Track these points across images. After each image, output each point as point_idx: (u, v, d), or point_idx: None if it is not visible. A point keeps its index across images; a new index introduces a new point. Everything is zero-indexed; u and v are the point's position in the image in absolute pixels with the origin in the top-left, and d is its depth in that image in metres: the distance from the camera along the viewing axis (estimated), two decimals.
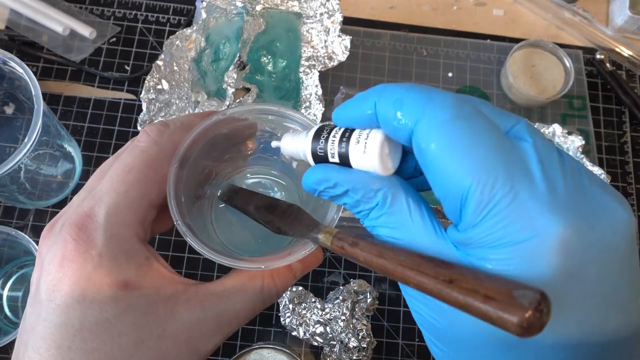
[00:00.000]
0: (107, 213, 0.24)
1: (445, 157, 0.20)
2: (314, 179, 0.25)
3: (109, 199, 0.25)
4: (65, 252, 0.24)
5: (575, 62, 0.59)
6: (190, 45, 0.54)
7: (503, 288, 0.17)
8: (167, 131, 0.27)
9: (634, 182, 0.57)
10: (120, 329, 0.23)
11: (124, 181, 0.25)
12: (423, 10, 0.63)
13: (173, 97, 0.52)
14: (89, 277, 0.23)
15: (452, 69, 0.60)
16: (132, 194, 0.25)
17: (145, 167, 0.26)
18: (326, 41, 0.55)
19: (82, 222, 0.24)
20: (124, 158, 0.26)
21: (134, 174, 0.25)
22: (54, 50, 0.57)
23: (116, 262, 0.24)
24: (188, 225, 0.26)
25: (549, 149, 0.21)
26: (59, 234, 0.24)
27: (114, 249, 0.24)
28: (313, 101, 0.53)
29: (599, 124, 0.59)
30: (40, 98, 0.42)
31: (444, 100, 0.21)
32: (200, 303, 0.25)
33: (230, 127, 0.29)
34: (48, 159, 0.50)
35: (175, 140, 0.27)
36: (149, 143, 0.27)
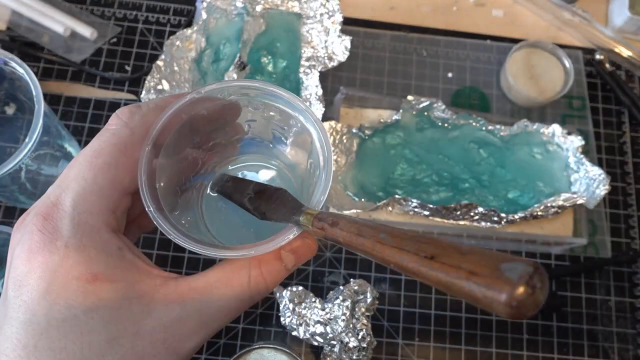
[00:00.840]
0: (74, 201, 0.23)
1: None
2: None
3: (76, 186, 0.23)
4: (32, 245, 0.22)
5: (575, 63, 0.59)
6: (191, 45, 0.55)
7: (489, 262, 0.15)
8: (139, 112, 0.25)
9: (633, 182, 0.57)
10: (90, 326, 0.22)
11: (92, 166, 0.23)
12: (423, 11, 0.63)
13: None
14: (55, 270, 0.21)
15: (452, 69, 0.60)
16: (100, 180, 0.23)
17: (115, 150, 0.24)
18: (326, 41, 0.55)
19: (48, 212, 0.22)
20: (93, 144, 0.24)
21: (103, 158, 0.24)
22: (55, 50, 0.57)
23: (84, 253, 0.22)
24: (160, 211, 0.24)
25: None
26: (26, 226, 0.23)
27: (82, 239, 0.22)
28: (313, 101, 0.53)
29: (599, 124, 0.59)
30: (41, 98, 0.42)
31: None
32: (180, 299, 0.23)
33: (209, 108, 0.27)
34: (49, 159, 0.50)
35: (148, 121, 0.25)
36: (120, 125, 0.25)
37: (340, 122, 0.54)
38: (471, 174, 0.53)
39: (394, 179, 0.53)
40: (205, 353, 0.48)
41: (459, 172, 0.53)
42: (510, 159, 0.54)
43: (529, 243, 0.53)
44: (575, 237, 0.52)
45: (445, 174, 0.53)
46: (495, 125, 0.54)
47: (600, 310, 0.52)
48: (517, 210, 0.51)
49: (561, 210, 0.50)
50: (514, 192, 0.53)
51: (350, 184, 0.53)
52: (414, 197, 0.52)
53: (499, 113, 0.59)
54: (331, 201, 0.51)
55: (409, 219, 0.52)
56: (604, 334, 0.51)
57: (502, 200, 0.53)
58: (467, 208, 0.49)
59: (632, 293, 0.53)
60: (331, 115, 0.55)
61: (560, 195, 0.49)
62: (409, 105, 0.54)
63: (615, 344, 0.51)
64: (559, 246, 0.53)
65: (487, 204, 0.52)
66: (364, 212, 0.51)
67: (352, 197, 0.52)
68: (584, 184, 0.52)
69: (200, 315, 0.24)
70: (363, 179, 0.53)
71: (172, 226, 0.24)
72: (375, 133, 0.54)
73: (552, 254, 0.54)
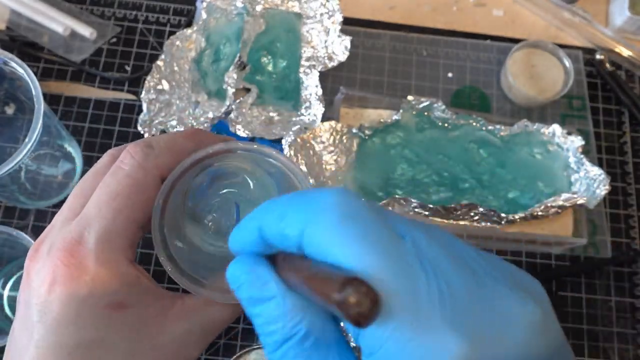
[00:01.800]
0: (97, 240, 0.25)
1: (336, 262, 0.18)
2: (243, 268, 0.22)
3: (98, 226, 0.25)
4: (56, 276, 0.24)
5: (575, 63, 0.59)
6: (191, 45, 0.55)
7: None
8: (152, 153, 0.27)
9: (633, 182, 0.57)
10: (114, 344, 0.25)
11: (112, 208, 0.25)
12: (423, 11, 0.63)
13: (173, 98, 0.52)
14: (83, 301, 0.24)
15: (452, 69, 0.60)
16: (119, 221, 0.26)
17: (131, 192, 0.26)
18: (326, 41, 0.55)
19: (73, 248, 0.25)
20: (109, 183, 0.26)
21: (121, 200, 0.26)
22: (55, 50, 0.57)
23: (109, 286, 0.25)
24: (170, 258, 0.27)
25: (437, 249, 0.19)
26: (47, 258, 0.25)
27: (107, 273, 0.25)
28: (313, 101, 0.53)
29: (599, 124, 0.59)
30: (40, 98, 0.42)
31: (326, 201, 0.19)
32: (186, 315, 0.27)
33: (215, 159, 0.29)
34: (49, 159, 0.50)
35: (160, 163, 0.27)
36: (134, 167, 0.26)
37: (340, 122, 0.54)
38: (471, 174, 0.53)
39: (394, 179, 0.53)
40: (206, 353, 0.48)
41: (459, 172, 0.53)
42: (511, 159, 0.54)
43: (529, 243, 0.53)
44: (576, 237, 0.52)
45: (445, 174, 0.53)
46: (496, 125, 0.54)
47: (600, 310, 0.52)
48: (517, 210, 0.51)
49: (561, 211, 0.50)
50: (514, 192, 0.53)
51: (350, 184, 0.53)
52: (414, 197, 0.52)
53: (499, 113, 0.59)
54: None
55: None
56: (605, 334, 0.51)
57: (502, 200, 0.53)
58: (467, 208, 0.49)
59: (633, 293, 0.53)
60: (331, 115, 0.55)
61: (561, 196, 0.49)
62: (409, 105, 0.54)
63: (615, 344, 0.51)
64: (559, 246, 0.53)
65: (487, 204, 0.52)
66: None
67: None
68: (584, 184, 0.51)
69: (203, 327, 0.27)
70: (363, 179, 0.53)
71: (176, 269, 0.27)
72: (375, 133, 0.54)
73: (553, 254, 0.54)
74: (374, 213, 0.19)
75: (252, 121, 0.53)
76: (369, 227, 0.19)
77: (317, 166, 0.52)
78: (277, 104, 0.55)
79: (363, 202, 0.20)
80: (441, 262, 0.19)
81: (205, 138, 0.29)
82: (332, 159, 0.53)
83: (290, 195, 0.21)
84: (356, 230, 0.18)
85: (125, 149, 0.27)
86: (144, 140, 0.28)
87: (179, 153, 0.28)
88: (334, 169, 0.53)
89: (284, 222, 0.20)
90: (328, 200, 0.19)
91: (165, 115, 0.51)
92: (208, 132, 0.30)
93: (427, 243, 0.19)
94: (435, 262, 0.18)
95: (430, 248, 0.19)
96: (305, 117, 0.53)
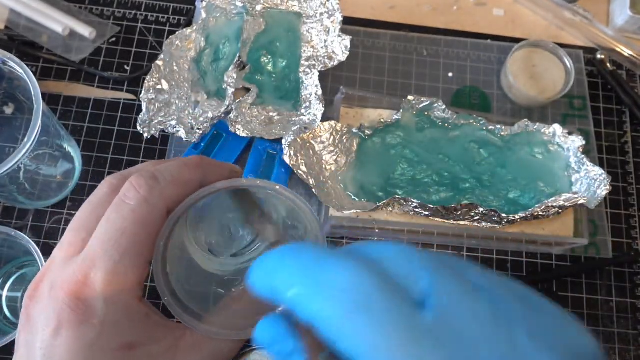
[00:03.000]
0: (105, 280, 0.24)
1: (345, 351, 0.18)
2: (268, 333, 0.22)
3: (105, 266, 0.24)
4: (62, 321, 0.23)
5: (576, 62, 0.59)
6: (190, 45, 0.54)
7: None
8: (157, 187, 0.26)
9: (634, 183, 0.57)
10: None
11: (118, 246, 0.24)
12: (423, 10, 0.63)
13: (173, 97, 0.52)
14: (92, 344, 0.23)
15: (452, 69, 0.60)
16: (127, 260, 0.24)
17: (137, 229, 0.25)
18: (326, 41, 0.55)
19: (79, 290, 0.24)
20: (114, 219, 0.25)
21: (127, 238, 0.25)
22: (54, 50, 0.56)
23: (119, 327, 0.24)
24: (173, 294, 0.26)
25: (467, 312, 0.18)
26: (50, 298, 0.24)
27: (116, 315, 0.24)
28: (313, 101, 0.53)
29: (600, 124, 0.59)
30: (39, 98, 0.42)
31: (339, 284, 0.18)
32: (197, 348, 0.26)
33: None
34: (47, 159, 0.50)
35: (167, 197, 0.26)
36: (139, 201, 0.25)
37: (340, 122, 0.54)
38: (472, 174, 0.53)
39: (394, 179, 0.53)
40: None
41: (459, 172, 0.53)
42: (511, 159, 0.54)
43: (529, 243, 0.52)
44: (576, 238, 0.52)
45: (445, 174, 0.53)
46: (496, 125, 0.54)
47: (601, 311, 0.52)
48: (518, 210, 0.51)
49: (562, 211, 0.50)
50: (515, 192, 0.53)
51: (350, 184, 0.52)
52: (415, 197, 0.51)
53: (500, 113, 0.58)
54: (331, 202, 0.50)
55: (410, 220, 0.52)
56: (605, 334, 0.51)
57: (503, 201, 0.53)
58: (467, 208, 0.49)
59: (634, 294, 0.53)
60: (331, 115, 0.54)
61: (561, 196, 0.49)
62: (409, 105, 0.54)
63: (616, 345, 0.51)
64: (559, 246, 0.53)
65: (488, 204, 0.52)
66: (364, 212, 0.50)
67: (352, 197, 0.52)
68: (585, 184, 0.51)
69: (213, 357, 0.27)
70: (363, 179, 0.53)
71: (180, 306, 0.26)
72: (375, 133, 0.54)
73: (553, 254, 0.54)
74: (389, 294, 0.18)
75: (251, 121, 0.52)
76: (384, 317, 0.18)
77: (317, 166, 0.52)
78: (277, 103, 0.54)
79: (378, 282, 0.18)
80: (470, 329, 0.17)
81: (210, 168, 0.28)
82: (332, 159, 0.53)
83: (300, 262, 0.20)
84: (370, 321, 0.18)
85: (129, 180, 0.26)
86: (148, 170, 0.26)
87: (185, 185, 0.27)
88: (334, 169, 0.53)
89: (292, 295, 0.19)
90: (341, 282, 0.18)
91: (164, 115, 0.51)
92: (212, 161, 0.29)
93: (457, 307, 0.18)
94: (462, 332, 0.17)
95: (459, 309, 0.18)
96: (305, 117, 0.53)
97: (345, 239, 0.53)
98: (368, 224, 0.51)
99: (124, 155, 0.54)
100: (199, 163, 0.28)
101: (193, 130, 0.50)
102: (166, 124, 0.51)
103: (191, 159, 0.28)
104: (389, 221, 0.51)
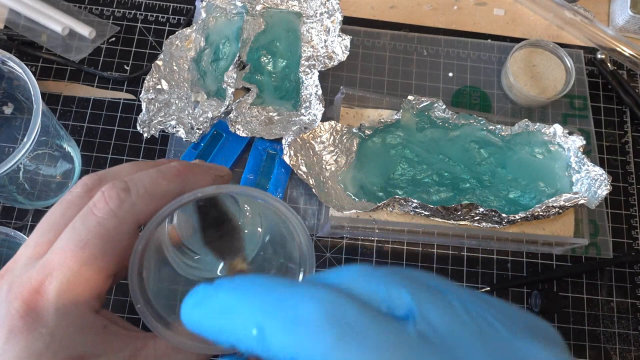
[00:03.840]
0: (59, 290, 0.23)
1: None
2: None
3: (61, 276, 0.23)
4: (12, 327, 0.22)
5: (576, 62, 0.59)
6: (190, 45, 0.54)
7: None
8: (128, 200, 0.24)
9: (635, 182, 0.57)
10: None
11: (78, 258, 0.23)
12: (423, 10, 0.63)
13: (172, 97, 0.52)
14: (40, 354, 0.22)
15: (452, 68, 0.60)
16: (86, 272, 0.23)
17: (101, 242, 0.24)
18: (326, 41, 0.55)
19: (30, 298, 0.23)
20: (79, 229, 0.24)
21: (89, 250, 0.23)
22: (53, 50, 0.56)
23: (70, 339, 0.23)
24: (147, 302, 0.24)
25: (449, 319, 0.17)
26: (5, 300, 0.23)
27: (67, 326, 0.23)
28: (313, 101, 0.53)
29: (600, 124, 0.59)
30: (39, 98, 0.42)
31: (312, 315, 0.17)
32: (159, 358, 0.25)
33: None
34: (47, 159, 0.50)
35: (138, 211, 0.24)
36: (107, 215, 0.24)
37: (340, 121, 0.54)
38: (472, 174, 0.53)
39: (394, 179, 0.53)
40: None
41: (459, 172, 0.53)
42: (511, 159, 0.53)
43: (530, 243, 0.52)
44: (577, 238, 0.52)
45: (445, 174, 0.53)
46: (496, 125, 0.54)
47: (602, 311, 0.52)
48: (518, 210, 0.51)
49: (562, 211, 0.50)
50: (515, 192, 0.53)
51: (350, 184, 0.52)
52: (415, 197, 0.51)
53: (500, 113, 0.58)
54: (331, 202, 0.50)
55: (410, 220, 0.52)
56: (606, 335, 0.51)
57: (503, 201, 0.53)
58: (467, 208, 0.49)
59: (634, 294, 0.53)
60: (331, 115, 0.54)
61: (562, 196, 0.49)
62: (409, 104, 0.53)
63: (617, 345, 0.51)
64: (560, 247, 0.53)
65: (488, 204, 0.52)
66: (364, 212, 0.50)
67: (352, 197, 0.52)
68: (585, 184, 0.51)
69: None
70: (363, 179, 0.53)
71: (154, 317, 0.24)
72: (375, 133, 0.54)
73: (554, 254, 0.54)
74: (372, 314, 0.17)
75: (251, 121, 0.52)
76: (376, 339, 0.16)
77: (317, 166, 0.52)
78: (277, 103, 0.54)
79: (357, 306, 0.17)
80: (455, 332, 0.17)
81: (193, 176, 0.26)
82: (332, 159, 0.53)
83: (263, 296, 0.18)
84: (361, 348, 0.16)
85: (101, 190, 0.25)
86: (122, 180, 0.25)
87: (161, 198, 0.25)
88: (334, 169, 0.53)
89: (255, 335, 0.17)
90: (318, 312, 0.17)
91: (164, 115, 0.51)
92: (197, 168, 0.27)
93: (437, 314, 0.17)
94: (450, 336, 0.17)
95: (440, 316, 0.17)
96: (305, 117, 0.53)
97: (345, 239, 0.53)
98: (368, 224, 0.50)
99: (123, 155, 0.54)
100: (179, 172, 0.26)
101: (193, 130, 0.50)
102: (166, 124, 0.50)
103: (170, 168, 0.26)
104: (389, 221, 0.51)
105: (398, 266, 0.52)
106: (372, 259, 0.52)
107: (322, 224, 0.51)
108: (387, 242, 0.53)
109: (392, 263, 0.52)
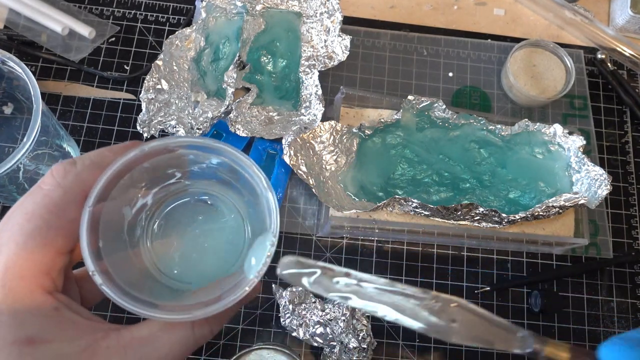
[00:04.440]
0: (5, 266, 0.22)
1: None
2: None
3: (7, 250, 0.23)
4: None
5: (576, 62, 0.59)
6: (190, 44, 0.54)
7: None
8: (73, 171, 0.24)
9: (635, 182, 0.57)
10: None
11: (23, 231, 0.23)
12: (423, 10, 0.63)
13: (172, 97, 0.52)
14: None
15: (452, 68, 0.60)
16: (31, 245, 0.23)
17: (46, 213, 0.23)
18: (326, 41, 0.55)
19: None
20: (25, 203, 0.24)
21: (34, 222, 0.23)
22: (53, 49, 0.56)
23: (17, 318, 0.22)
24: (106, 273, 0.24)
25: None
26: None
27: (14, 304, 0.22)
28: (313, 101, 0.53)
29: (600, 124, 0.59)
30: (39, 98, 0.42)
31: None
32: (122, 350, 0.24)
33: (152, 161, 0.27)
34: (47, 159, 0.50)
35: (83, 180, 0.24)
36: (52, 186, 0.24)
37: (340, 121, 0.54)
38: (472, 174, 0.53)
39: (394, 179, 0.53)
40: (205, 354, 0.48)
41: (459, 172, 0.53)
42: (512, 159, 0.53)
43: (530, 243, 0.52)
44: (577, 238, 0.52)
45: (445, 174, 0.53)
46: (496, 125, 0.54)
47: (602, 311, 0.52)
48: (518, 210, 0.51)
49: (562, 211, 0.50)
50: (515, 192, 0.53)
51: (350, 184, 0.52)
52: (415, 197, 0.51)
53: (500, 113, 0.58)
54: (331, 201, 0.50)
55: (410, 220, 0.52)
56: (606, 335, 0.51)
57: (503, 201, 0.53)
58: (467, 208, 0.49)
59: (634, 294, 0.53)
60: (331, 115, 0.54)
61: (562, 196, 0.49)
62: (409, 104, 0.53)
63: None
64: (560, 247, 0.53)
65: (488, 204, 0.52)
66: (364, 212, 0.50)
67: (352, 197, 0.52)
68: (585, 184, 0.51)
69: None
70: (363, 179, 0.53)
71: (117, 289, 0.24)
72: (375, 133, 0.54)
73: (554, 254, 0.54)
74: None
75: (251, 121, 0.52)
76: None
77: (317, 166, 0.52)
78: (277, 103, 0.54)
79: None
80: None
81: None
82: (332, 158, 0.53)
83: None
84: None
85: (50, 168, 0.25)
86: (70, 159, 0.25)
87: (106, 167, 0.25)
88: (334, 169, 0.53)
89: None
90: None
91: (164, 115, 0.51)
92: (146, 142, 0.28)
93: None
94: None
95: None
96: (305, 117, 0.53)
97: (345, 238, 0.53)
98: (368, 224, 0.50)
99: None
100: (126, 146, 0.26)
101: (193, 130, 0.50)
102: (166, 123, 0.50)
103: (120, 144, 0.27)
104: (389, 221, 0.51)
105: (397, 266, 0.52)
106: (372, 259, 0.52)
107: (322, 224, 0.51)
108: (387, 242, 0.53)
109: (392, 263, 0.52)
